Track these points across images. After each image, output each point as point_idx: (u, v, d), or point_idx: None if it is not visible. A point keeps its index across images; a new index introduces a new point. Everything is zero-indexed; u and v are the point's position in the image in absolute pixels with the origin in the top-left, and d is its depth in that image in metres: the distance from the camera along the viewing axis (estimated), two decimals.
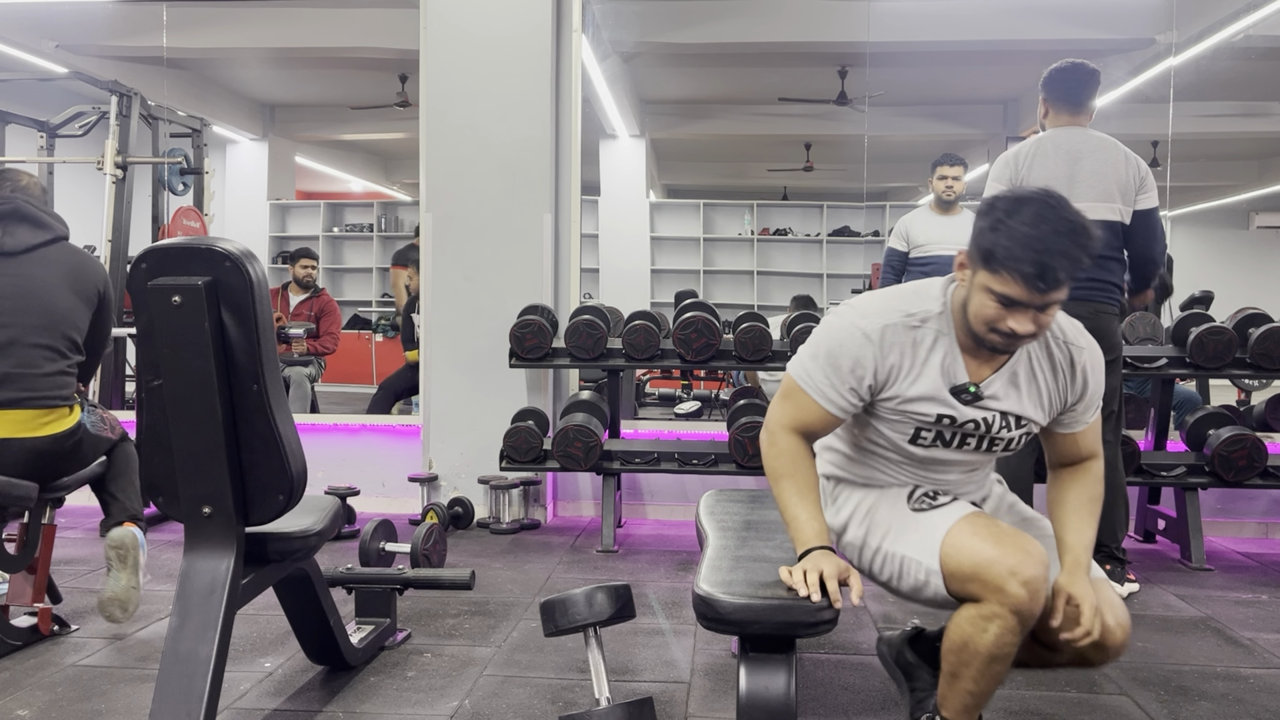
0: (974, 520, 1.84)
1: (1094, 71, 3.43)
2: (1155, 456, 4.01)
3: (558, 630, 2.02)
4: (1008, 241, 1.70)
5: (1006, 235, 1.70)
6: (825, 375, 1.87)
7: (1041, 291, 1.70)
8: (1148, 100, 5.82)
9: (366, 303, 10.44)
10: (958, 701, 1.87)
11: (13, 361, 2.72)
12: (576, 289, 4.74)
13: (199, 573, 1.94)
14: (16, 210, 2.84)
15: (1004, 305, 1.74)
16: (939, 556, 1.82)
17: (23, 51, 6.64)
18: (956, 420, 1.89)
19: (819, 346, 1.89)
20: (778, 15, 6.88)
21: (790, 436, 1.90)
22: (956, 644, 1.82)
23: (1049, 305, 1.73)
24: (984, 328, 1.79)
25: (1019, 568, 1.73)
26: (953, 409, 1.87)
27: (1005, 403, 1.89)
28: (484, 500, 4.46)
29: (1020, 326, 1.74)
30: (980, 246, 1.75)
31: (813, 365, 1.88)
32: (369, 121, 9.75)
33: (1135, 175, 3.36)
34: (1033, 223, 1.69)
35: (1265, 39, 6.02)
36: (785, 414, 1.91)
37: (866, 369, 1.85)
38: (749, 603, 1.75)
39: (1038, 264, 1.68)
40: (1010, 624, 1.75)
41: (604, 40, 6.55)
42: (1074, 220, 1.71)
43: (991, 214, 1.75)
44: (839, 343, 1.87)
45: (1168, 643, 2.89)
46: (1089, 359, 1.92)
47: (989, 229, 1.73)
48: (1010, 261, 1.69)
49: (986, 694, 1.85)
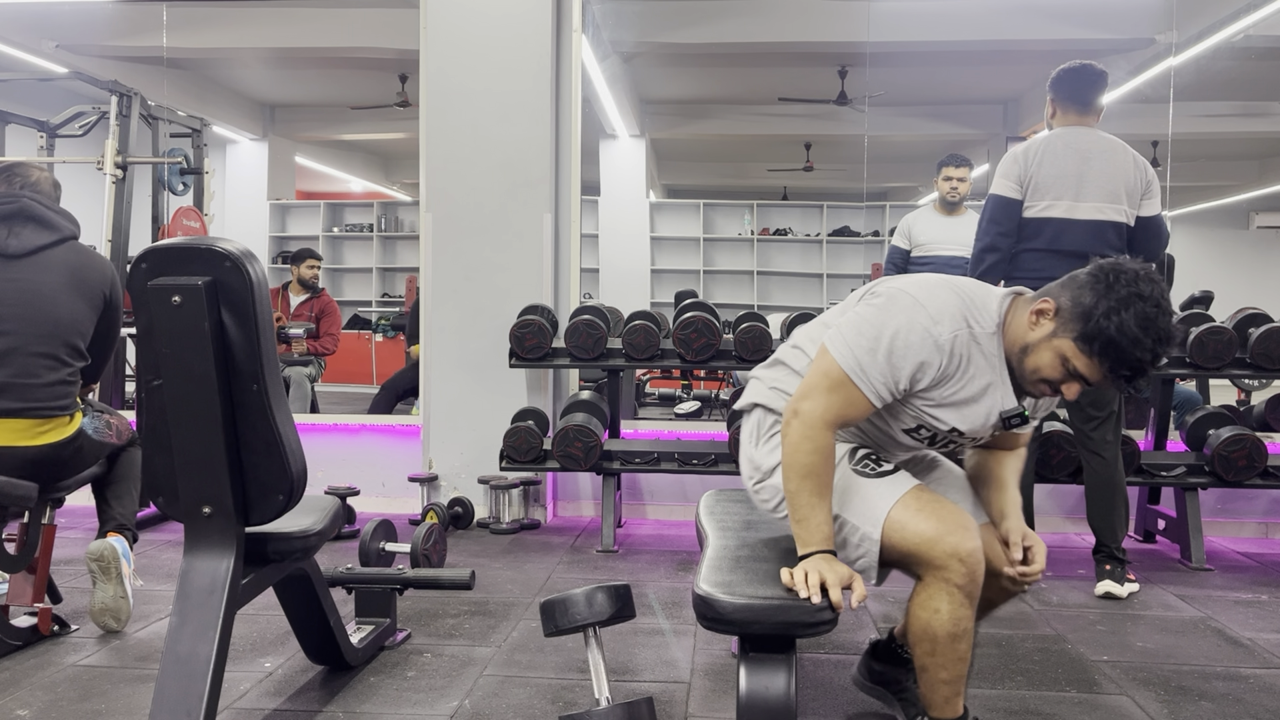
0: (918, 496, 1.87)
1: (1102, 73, 3.45)
2: (1155, 456, 4.01)
3: (558, 630, 2.02)
4: (1117, 336, 1.71)
5: (1117, 329, 1.71)
6: (883, 373, 1.82)
7: (1119, 379, 1.76)
8: (1148, 100, 5.81)
9: (366, 303, 10.43)
10: (938, 695, 1.90)
11: (12, 370, 2.69)
12: (576, 289, 4.74)
13: (199, 573, 1.94)
14: (23, 210, 2.79)
15: (1072, 376, 1.79)
16: (881, 529, 1.85)
17: (23, 51, 6.63)
18: (965, 435, 1.94)
19: (880, 340, 1.81)
20: (778, 15, 6.88)
21: (830, 434, 1.82)
22: (917, 634, 1.87)
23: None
24: (1035, 378, 1.83)
25: (959, 545, 1.79)
26: (983, 432, 1.93)
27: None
28: (484, 500, 4.46)
29: (1070, 394, 1.81)
30: (1085, 323, 1.74)
31: (870, 360, 1.81)
32: (369, 121, 9.74)
33: (1142, 179, 3.37)
34: (1142, 325, 1.71)
35: (1265, 39, 6.02)
36: (831, 408, 1.82)
37: (927, 375, 1.82)
38: (749, 603, 1.75)
39: (1132, 368, 1.74)
40: (958, 598, 1.81)
41: (604, 40, 6.54)
42: (1170, 330, 1.74)
43: (1110, 294, 1.73)
44: (908, 345, 1.81)
45: (1168, 643, 2.89)
46: None
47: (1104, 312, 1.72)
48: (1110, 357, 1.73)
49: (960, 676, 1.89)
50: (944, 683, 1.88)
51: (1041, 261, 3.36)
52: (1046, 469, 3.76)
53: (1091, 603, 3.31)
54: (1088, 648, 2.84)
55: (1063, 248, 3.34)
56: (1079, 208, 3.33)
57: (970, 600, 1.83)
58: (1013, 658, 2.74)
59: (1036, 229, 3.37)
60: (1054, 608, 3.25)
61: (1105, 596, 3.34)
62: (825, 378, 1.84)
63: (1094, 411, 3.42)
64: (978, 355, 1.84)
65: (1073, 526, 4.41)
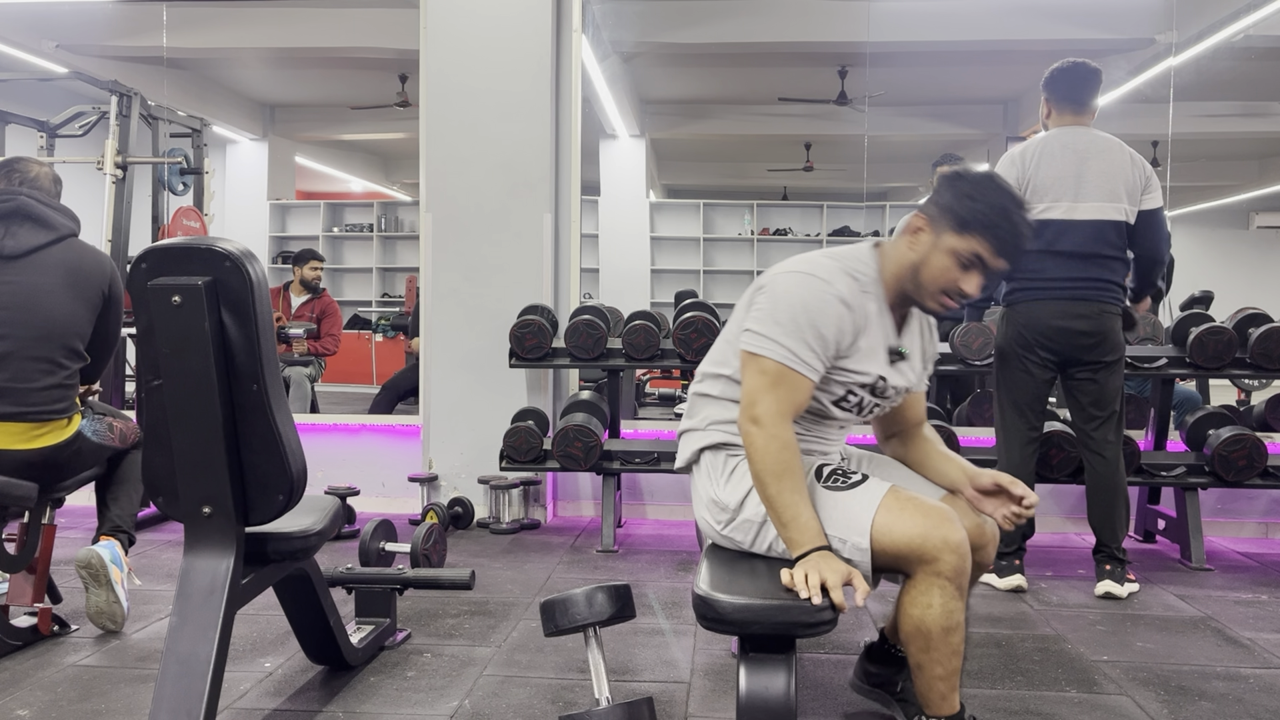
0: (896, 496, 1.89)
1: (1096, 70, 3.44)
2: (1155, 456, 4.01)
3: (558, 630, 2.02)
4: (985, 209, 1.87)
5: (984, 205, 1.87)
6: (811, 347, 1.87)
7: (1006, 254, 1.88)
8: (1148, 100, 5.82)
9: (366, 303, 10.44)
10: (934, 693, 1.90)
11: (7, 375, 2.67)
12: (576, 289, 4.74)
13: (199, 573, 1.94)
14: (20, 209, 2.77)
15: (964, 267, 1.90)
16: (870, 538, 1.86)
17: (23, 51, 6.63)
18: (888, 382, 2.00)
19: (795, 320, 1.87)
20: (778, 15, 6.88)
21: (789, 428, 1.86)
22: (910, 632, 1.87)
23: (994, 274, 1.92)
24: (936, 289, 1.93)
25: (948, 536, 1.82)
26: (886, 371, 1.99)
27: (910, 362, 2.06)
28: (484, 500, 4.46)
29: (970, 287, 1.91)
30: (953, 212, 1.89)
31: (795, 343, 1.87)
32: (369, 121, 9.74)
33: (1141, 176, 3.36)
34: (1003, 199, 1.89)
35: (1265, 39, 6.02)
36: (782, 401, 1.86)
37: (846, 334, 1.91)
38: (749, 603, 1.75)
39: (1010, 230, 1.87)
40: (949, 590, 1.83)
41: (604, 40, 6.54)
42: (1030, 217, 1.93)
43: (961, 185, 1.91)
44: (821, 311, 1.88)
45: (1168, 643, 2.90)
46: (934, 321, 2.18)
47: (964, 197, 1.89)
48: (985, 226, 1.87)
49: (955, 671, 1.90)
50: (939, 679, 1.89)
51: (1042, 263, 3.36)
52: (1046, 469, 3.76)
53: (1091, 603, 3.31)
54: (1088, 648, 2.84)
55: (1063, 249, 3.33)
56: (1079, 208, 3.33)
57: (960, 592, 1.84)
58: (1013, 658, 2.74)
59: (1036, 231, 3.36)
60: (1054, 608, 3.25)
61: (1105, 596, 3.34)
62: (763, 376, 1.88)
63: (1095, 411, 3.42)
64: (869, 302, 1.95)
65: (1073, 526, 4.41)
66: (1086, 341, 3.35)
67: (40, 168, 2.96)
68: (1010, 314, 3.46)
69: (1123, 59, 6.27)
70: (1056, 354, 3.38)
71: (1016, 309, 3.43)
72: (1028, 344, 3.39)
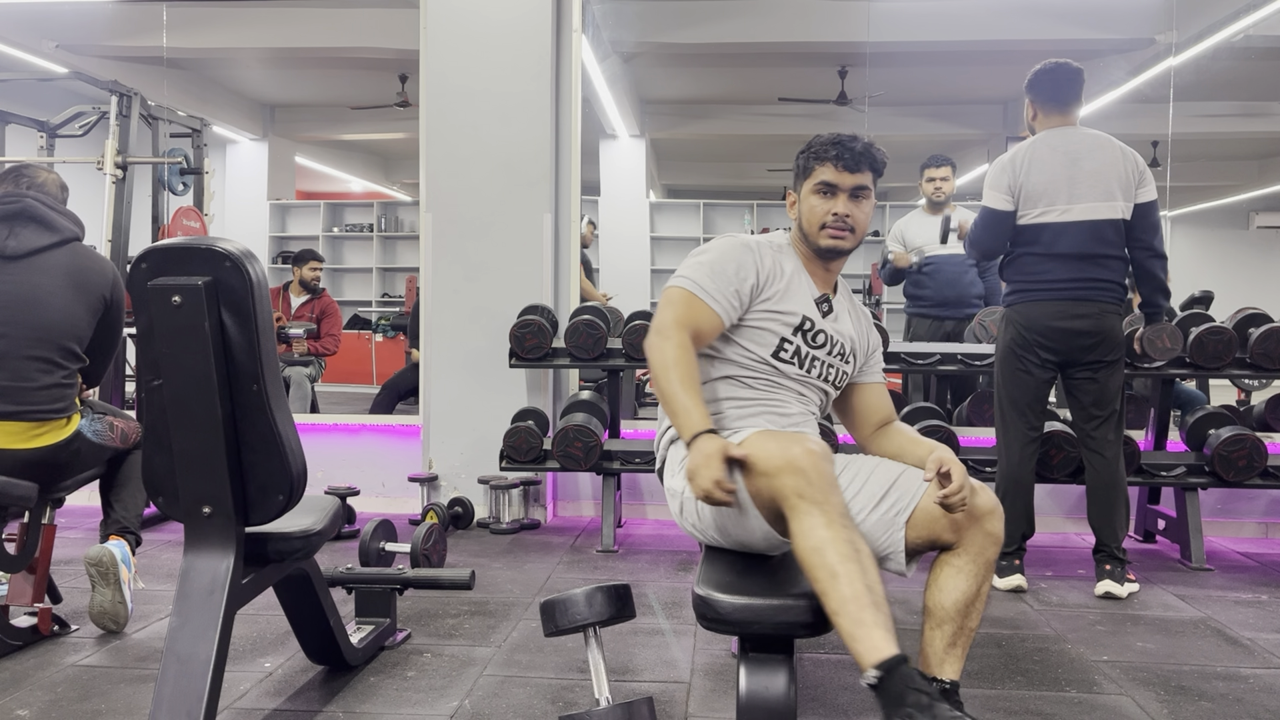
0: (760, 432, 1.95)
1: (1078, 70, 3.43)
2: (1155, 456, 4.01)
3: (558, 630, 2.02)
4: (818, 142, 2.17)
5: (818, 139, 2.18)
6: (713, 280, 2.08)
7: (849, 168, 2.12)
8: (1148, 100, 5.82)
9: (366, 303, 10.43)
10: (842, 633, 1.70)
11: (5, 375, 2.68)
12: (576, 289, 4.74)
13: (199, 573, 1.94)
14: (25, 210, 2.78)
15: (825, 195, 2.14)
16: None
17: (23, 51, 6.63)
18: (815, 325, 2.14)
19: (704, 263, 2.11)
20: (778, 15, 6.88)
21: (684, 333, 2.03)
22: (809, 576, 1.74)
23: (859, 192, 2.14)
24: (816, 226, 2.15)
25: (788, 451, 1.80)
26: (813, 314, 2.15)
27: (841, 324, 2.20)
28: (484, 500, 4.46)
29: (839, 207, 2.12)
30: (798, 167, 2.20)
31: (699, 274, 2.09)
32: (369, 121, 9.74)
33: (1134, 171, 3.36)
34: (833, 133, 2.18)
35: (1265, 39, 6.02)
36: (679, 314, 2.05)
37: (749, 270, 2.11)
38: (749, 603, 1.75)
39: (839, 146, 2.13)
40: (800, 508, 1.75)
41: (604, 40, 6.54)
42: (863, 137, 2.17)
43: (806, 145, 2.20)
44: (722, 253, 2.13)
45: (1168, 643, 2.90)
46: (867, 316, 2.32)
47: (806, 148, 2.19)
48: (818, 155, 2.15)
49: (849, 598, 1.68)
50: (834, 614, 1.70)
51: (1041, 265, 3.36)
52: (1046, 469, 3.76)
53: (1091, 603, 3.31)
54: (1088, 648, 2.84)
55: (1061, 250, 3.33)
56: (1073, 210, 3.32)
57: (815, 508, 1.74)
58: (1013, 658, 2.74)
59: (1034, 235, 3.37)
60: (1054, 608, 3.25)
61: (1105, 596, 3.34)
62: (669, 302, 2.09)
63: (1095, 411, 3.42)
64: (785, 259, 2.18)
65: (1073, 526, 4.41)
66: (1086, 342, 3.35)
67: (48, 174, 2.99)
68: (1010, 315, 3.46)
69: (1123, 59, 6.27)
70: (1056, 354, 3.38)
71: (1016, 310, 3.43)
72: (1028, 344, 3.39)
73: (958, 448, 3.91)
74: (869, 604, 1.69)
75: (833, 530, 1.74)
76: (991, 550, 1.97)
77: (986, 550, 1.96)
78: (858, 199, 2.15)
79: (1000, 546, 1.98)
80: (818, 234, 2.15)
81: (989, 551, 1.97)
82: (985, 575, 1.97)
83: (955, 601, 1.94)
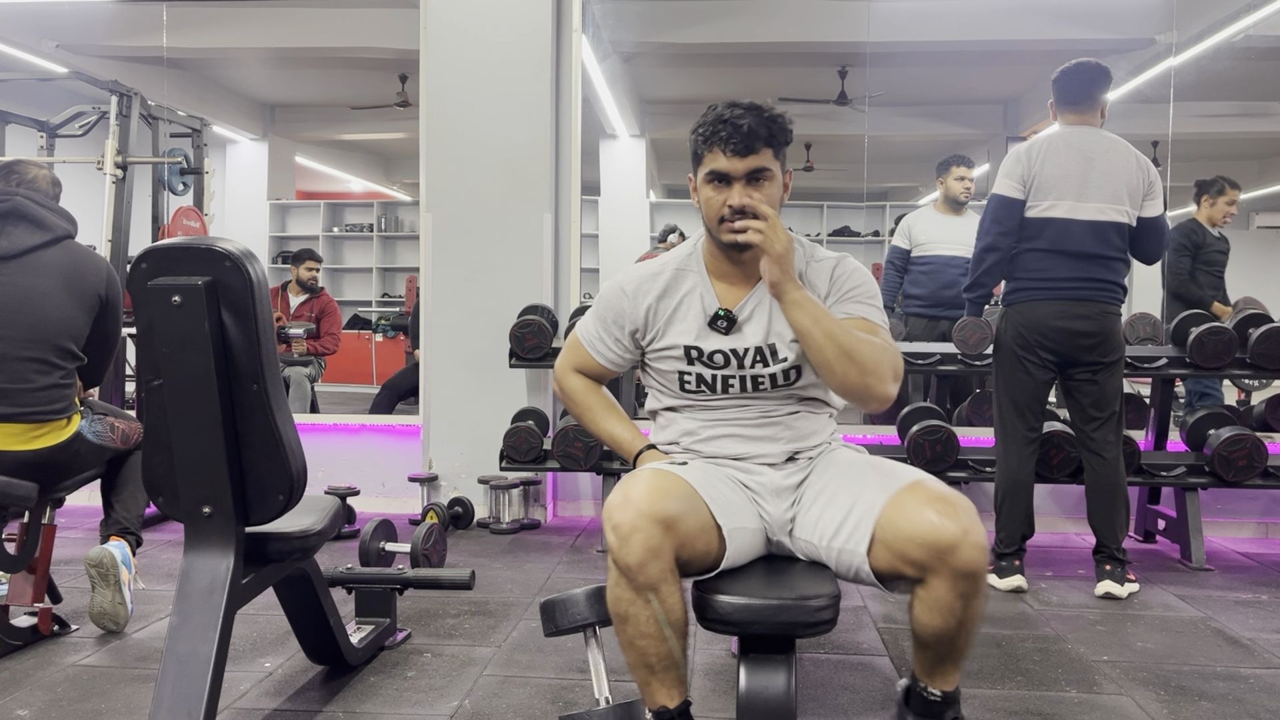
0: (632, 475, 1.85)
1: (1102, 70, 3.41)
2: (1155, 456, 4.01)
3: (558, 630, 2.02)
4: (703, 125, 1.92)
5: (702, 121, 1.93)
6: (597, 330, 2.12)
7: (737, 153, 1.87)
8: (1148, 100, 5.81)
9: (366, 303, 10.43)
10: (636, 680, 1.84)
11: (3, 377, 2.67)
12: (576, 289, 4.74)
13: (199, 573, 1.94)
14: (15, 209, 2.76)
15: (717, 186, 1.91)
16: None
17: (23, 51, 6.63)
18: (704, 352, 1.99)
19: (593, 309, 2.14)
20: (778, 15, 6.87)
21: (576, 376, 2.18)
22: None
23: (757, 176, 1.89)
24: (715, 222, 1.93)
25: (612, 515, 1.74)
26: (700, 341, 1.99)
27: (756, 326, 1.98)
28: (484, 500, 4.46)
29: (735, 199, 1.87)
30: (690, 151, 1.97)
31: (588, 323, 2.14)
32: (369, 121, 9.74)
33: (1145, 180, 3.36)
34: (724, 106, 1.92)
35: (1265, 39, 6.01)
36: (567, 360, 2.19)
37: (625, 318, 2.07)
38: (749, 603, 1.75)
39: (725, 126, 1.87)
40: (612, 574, 1.77)
41: (604, 40, 6.54)
42: (759, 102, 1.92)
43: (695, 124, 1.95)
44: (603, 301, 2.11)
45: (1168, 643, 2.89)
46: (839, 266, 2.03)
47: (693, 130, 1.95)
48: (703, 139, 1.91)
49: (635, 664, 1.81)
50: (631, 667, 1.83)
51: (1044, 261, 3.36)
52: (1046, 469, 3.76)
53: (1091, 603, 3.31)
54: (1088, 648, 2.84)
55: (1065, 248, 3.33)
56: (1081, 208, 3.32)
57: (625, 580, 1.74)
58: (1013, 658, 2.74)
59: (1039, 229, 3.37)
60: (1054, 608, 3.25)
61: (1105, 596, 3.34)
62: (567, 346, 2.20)
63: (1095, 412, 3.42)
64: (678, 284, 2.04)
65: (1073, 526, 4.41)
66: (1087, 342, 3.35)
67: (39, 170, 2.95)
68: (1010, 314, 3.46)
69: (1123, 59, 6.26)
70: (1057, 354, 3.38)
71: (1017, 308, 3.43)
72: (1028, 344, 3.39)
73: (958, 448, 3.92)
74: (644, 668, 1.82)
75: (631, 604, 1.76)
76: (964, 584, 1.72)
77: (958, 586, 1.72)
78: (758, 182, 1.89)
79: (979, 576, 1.72)
80: (718, 229, 1.93)
81: (961, 586, 1.72)
82: (963, 611, 1.75)
83: (932, 634, 1.78)
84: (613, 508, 1.76)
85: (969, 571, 1.70)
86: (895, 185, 10.65)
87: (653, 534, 1.71)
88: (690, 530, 1.78)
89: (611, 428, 2.14)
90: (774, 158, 1.92)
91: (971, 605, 1.75)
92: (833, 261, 2.03)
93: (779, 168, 1.94)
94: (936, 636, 1.78)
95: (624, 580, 1.74)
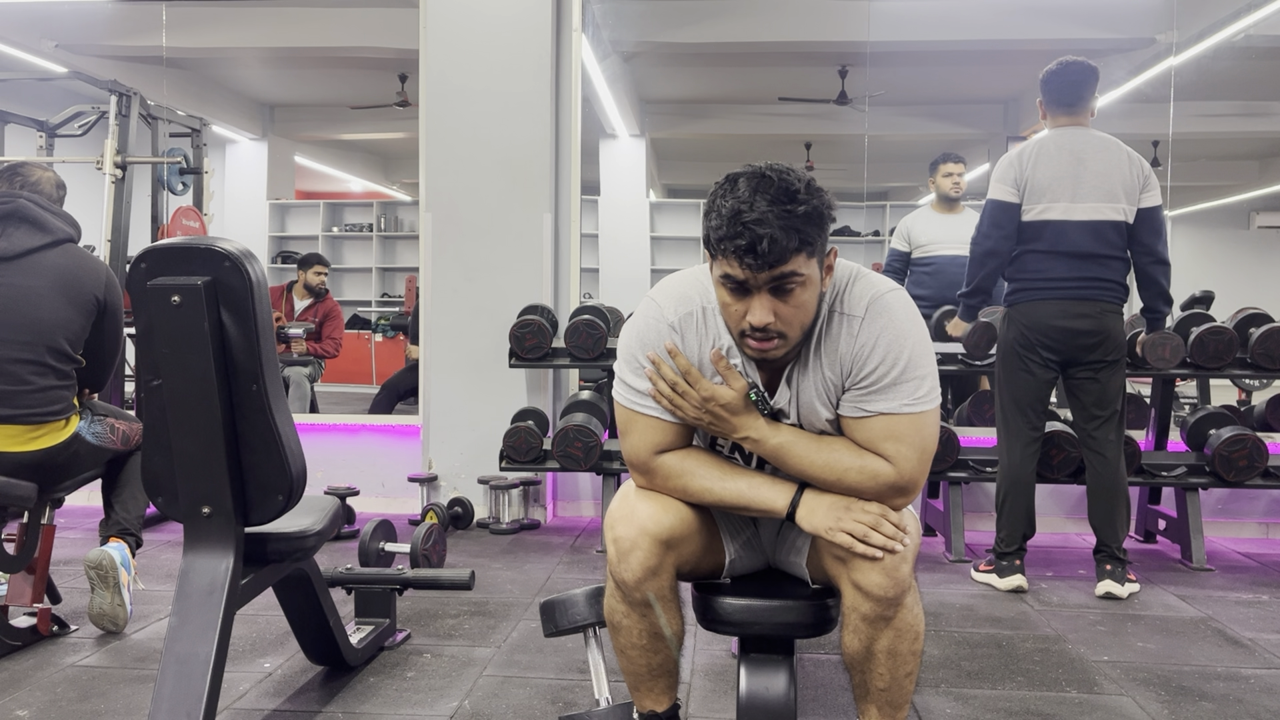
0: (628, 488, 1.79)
1: (1088, 69, 3.42)
2: (1155, 456, 4.01)
3: (558, 630, 2.02)
4: (718, 220, 1.56)
5: (718, 214, 1.57)
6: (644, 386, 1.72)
7: (757, 267, 1.53)
8: (1148, 100, 5.81)
9: (366, 303, 10.43)
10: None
11: (2, 378, 2.67)
12: (576, 289, 4.74)
13: (199, 573, 1.94)
14: (17, 211, 2.76)
15: (735, 293, 1.59)
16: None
17: (23, 51, 6.62)
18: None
19: (631, 355, 1.74)
20: (778, 15, 6.87)
21: (656, 458, 1.73)
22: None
23: (785, 283, 1.55)
24: (736, 334, 1.64)
25: (613, 528, 1.71)
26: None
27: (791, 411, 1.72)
28: (484, 500, 4.46)
29: (756, 317, 1.56)
30: (704, 234, 1.60)
31: (636, 380, 1.73)
32: (369, 121, 9.73)
33: (1139, 175, 3.36)
34: (745, 195, 1.55)
35: (1265, 39, 6.01)
36: (641, 444, 1.73)
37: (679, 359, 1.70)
38: (749, 603, 1.75)
39: (741, 233, 1.52)
40: (609, 585, 1.77)
41: (604, 40, 6.54)
42: (789, 185, 1.55)
43: (711, 197, 1.61)
44: (645, 343, 1.72)
45: (1168, 643, 2.89)
46: (864, 328, 1.65)
47: (707, 214, 1.60)
48: (721, 241, 1.55)
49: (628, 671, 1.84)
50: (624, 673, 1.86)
51: (1043, 263, 3.36)
52: (1047, 469, 3.76)
53: (1092, 603, 3.31)
54: (1088, 648, 2.84)
55: (1063, 249, 3.34)
56: (1076, 209, 3.33)
57: (620, 591, 1.73)
58: (1013, 658, 2.74)
59: (1036, 231, 3.37)
60: (1054, 608, 3.24)
61: (1106, 596, 3.34)
62: (622, 430, 1.77)
63: (1097, 411, 3.42)
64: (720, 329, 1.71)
65: (1073, 526, 4.41)
66: (1088, 341, 3.35)
67: (44, 173, 2.95)
68: (1012, 314, 3.46)
69: (1123, 59, 6.26)
70: (1058, 354, 3.38)
71: (1018, 309, 3.43)
72: (1029, 344, 3.39)
73: (958, 448, 3.91)
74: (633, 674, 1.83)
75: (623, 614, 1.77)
76: (867, 606, 1.62)
77: (860, 606, 1.62)
78: (787, 292, 1.57)
79: (887, 603, 1.61)
80: (739, 340, 1.65)
81: (864, 607, 1.62)
82: (871, 633, 1.65)
83: (849, 654, 1.71)
84: (616, 519, 1.72)
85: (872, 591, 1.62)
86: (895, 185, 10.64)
87: (652, 553, 1.68)
88: (694, 550, 1.77)
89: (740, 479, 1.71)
90: (808, 259, 1.56)
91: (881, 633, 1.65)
92: (860, 318, 1.66)
93: (816, 263, 1.59)
94: (852, 658, 1.72)
95: (619, 593, 1.75)
